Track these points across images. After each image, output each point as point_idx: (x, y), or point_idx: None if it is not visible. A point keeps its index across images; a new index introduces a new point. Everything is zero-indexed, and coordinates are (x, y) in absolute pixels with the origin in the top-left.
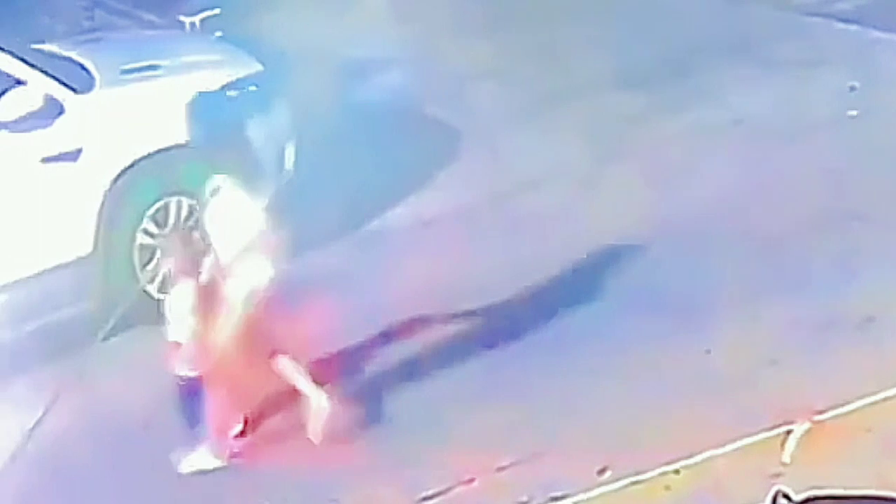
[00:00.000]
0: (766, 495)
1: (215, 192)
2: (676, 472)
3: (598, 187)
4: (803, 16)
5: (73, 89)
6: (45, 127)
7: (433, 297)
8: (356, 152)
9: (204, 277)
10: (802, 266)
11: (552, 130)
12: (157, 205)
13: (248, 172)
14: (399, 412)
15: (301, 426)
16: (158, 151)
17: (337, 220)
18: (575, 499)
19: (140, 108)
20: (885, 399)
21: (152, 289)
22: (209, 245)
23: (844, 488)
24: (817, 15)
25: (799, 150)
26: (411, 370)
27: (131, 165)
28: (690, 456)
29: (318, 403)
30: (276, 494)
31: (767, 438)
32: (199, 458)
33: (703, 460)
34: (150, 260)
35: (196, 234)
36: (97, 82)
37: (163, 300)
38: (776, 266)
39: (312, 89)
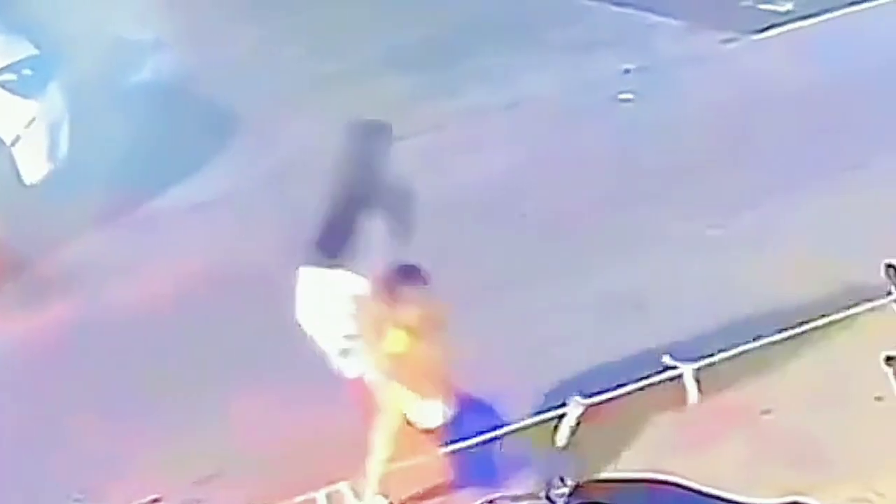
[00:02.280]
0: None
1: None
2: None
3: None
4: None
5: None
6: None
7: (205, 281)
8: (129, 135)
9: None
10: (577, 249)
11: (325, 113)
12: None
13: None
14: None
15: None
16: None
17: (110, 203)
18: None
19: None
20: (658, 383)
21: None
22: None
23: (617, 472)
24: None
25: (574, 133)
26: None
27: None
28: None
29: None
30: None
31: (541, 422)
32: None
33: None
34: None
35: None
36: None
37: None
38: (551, 249)
39: (87, 73)
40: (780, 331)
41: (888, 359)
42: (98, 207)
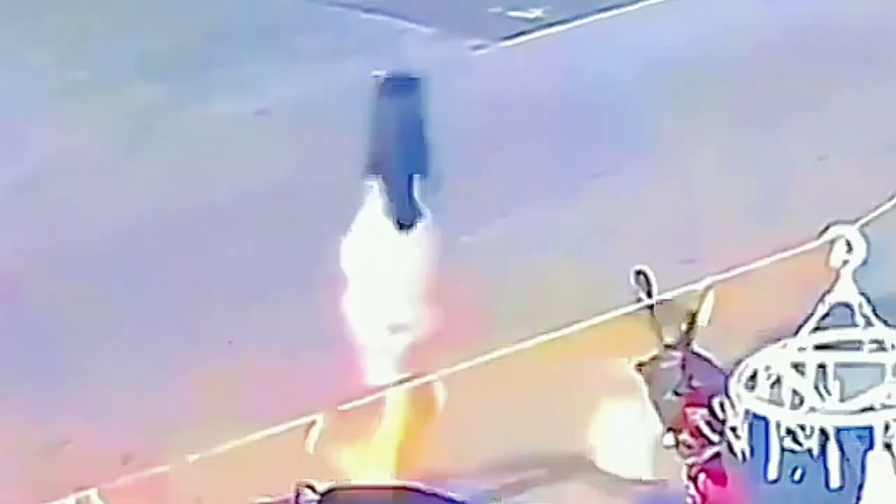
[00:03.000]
0: (291, 486)
1: None
2: (200, 460)
3: (118, 178)
4: (327, 6)
5: None
6: None
7: None
8: None
9: None
10: (324, 257)
11: (73, 121)
12: None
13: None
14: None
15: None
16: None
17: None
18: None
19: None
20: (409, 389)
21: None
22: None
23: (367, 478)
24: (342, 5)
25: (325, 139)
26: None
27: None
28: (215, 445)
29: None
30: None
31: (291, 429)
32: None
33: (227, 450)
34: None
35: None
36: None
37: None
38: (296, 257)
39: None
40: (531, 337)
41: (638, 365)
42: None
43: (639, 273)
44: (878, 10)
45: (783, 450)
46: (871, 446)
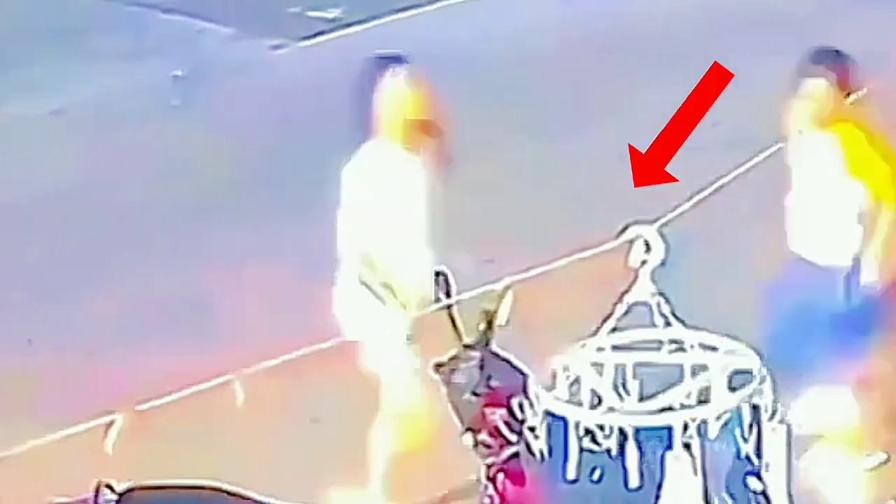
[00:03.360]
0: (90, 486)
1: None
2: None
3: None
4: (126, 6)
5: None
6: None
7: None
8: None
9: None
10: (122, 257)
11: None
12: None
13: None
14: None
15: None
16: None
17: None
18: None
19: None
20: (207, 390)
21: None
22: None
23: (163, 479)
24: (140, 5)
25: (122, 140)
26: None
27: None
28: (13, 445)
29: None
30: None
31: (90, 429)
32: None
33: (26, 449)
34: None
35: None
36: None
37: None
38: (95, 257)
39: None
40: (332, 338)
41: (437, 366)
42: None
43: (437, 274)
44: (675, 9)
45: (582, 450)
46: (669, 446)
